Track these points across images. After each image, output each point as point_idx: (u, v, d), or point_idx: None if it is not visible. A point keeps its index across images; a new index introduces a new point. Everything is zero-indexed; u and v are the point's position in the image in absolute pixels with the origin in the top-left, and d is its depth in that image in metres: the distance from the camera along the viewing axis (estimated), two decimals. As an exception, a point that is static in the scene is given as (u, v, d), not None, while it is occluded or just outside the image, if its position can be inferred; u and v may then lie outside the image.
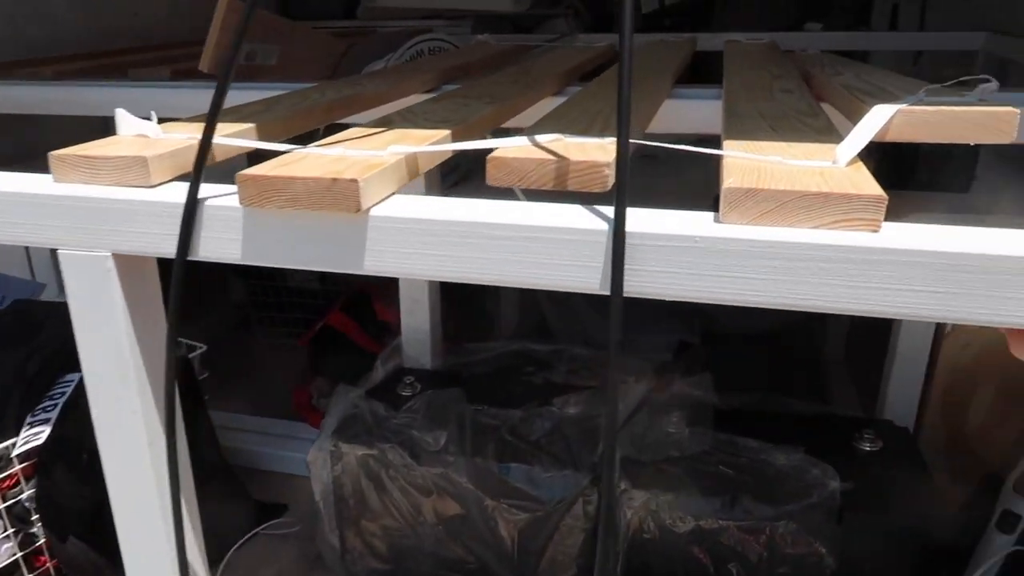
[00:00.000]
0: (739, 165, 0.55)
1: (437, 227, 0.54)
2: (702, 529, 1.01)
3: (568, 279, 0.53)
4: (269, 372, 1.80)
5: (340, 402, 1.20)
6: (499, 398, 1.19)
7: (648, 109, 0.85)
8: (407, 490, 1.12)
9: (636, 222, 0.51)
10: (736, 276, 0.50)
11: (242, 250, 0.59)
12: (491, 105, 0.83)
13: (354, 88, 0.96)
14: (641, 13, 2.95)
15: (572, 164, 0.57)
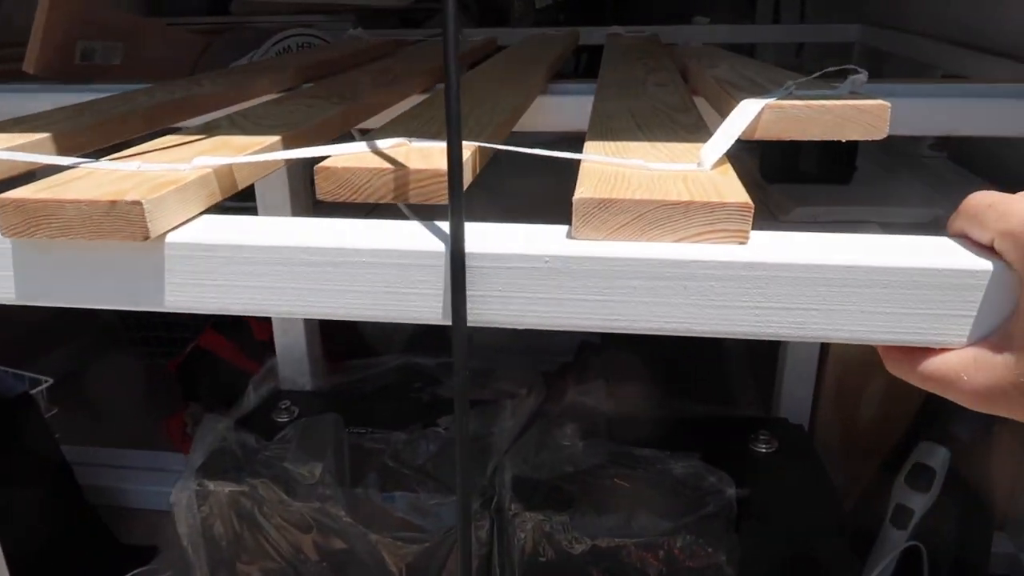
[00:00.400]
0: (597, 172, 0.49)
1: (248, 254, 0.46)
2: (599, 549, 0.96)
3: (405, 310, 0.46)
4: (142, 399, 1.65)
5: (207, 434, 1.09)
6: (384, 419, 1.11)
7: (515, 106, 0.78)
8: (284, 528, 1.02)
9: (478, 241, 0.44)
10: (594, 299, 0.44)
11: (14, 289, 0.48)
12: (339, 106, 0.75)
13: (190, 89, 0.85)
14: (534, 8, 2.91)
15: (412, 173, 0.50)
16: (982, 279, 0.40)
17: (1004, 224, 0.38)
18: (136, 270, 0.46)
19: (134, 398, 1.65)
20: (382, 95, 0.84)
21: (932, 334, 0.42)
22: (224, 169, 0.53)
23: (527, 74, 0.96)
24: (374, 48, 1.34)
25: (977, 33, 1.30)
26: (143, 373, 1.76)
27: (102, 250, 0.46)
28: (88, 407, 1.48)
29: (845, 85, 0.53)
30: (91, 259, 0.46)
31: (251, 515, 1.02)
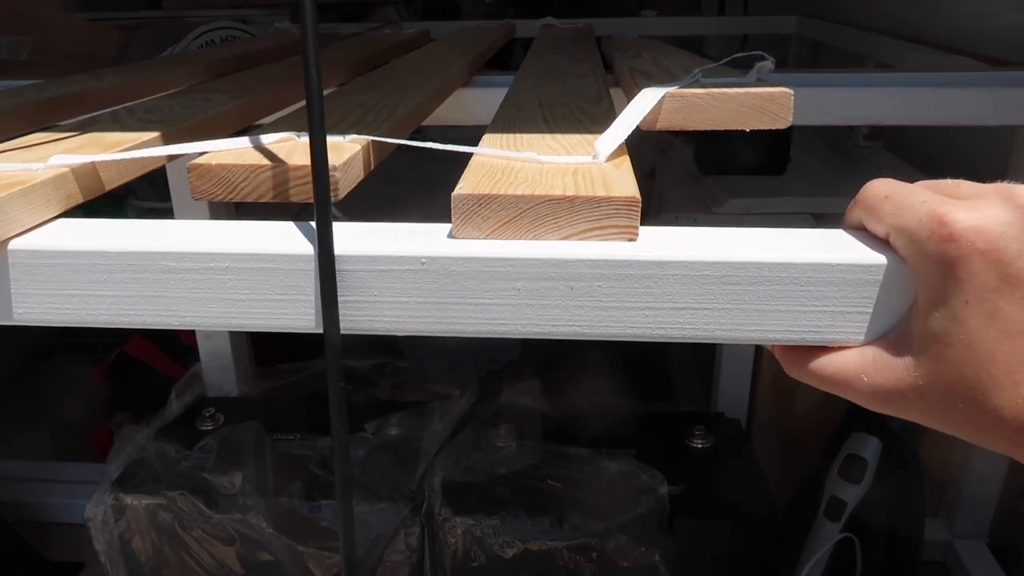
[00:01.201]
0: (486, 165, 0.46)
1: (101, 260, 0.42)
2: (530, 552, 0.94)
3: (276, 318, 0.42)
4: (71, 407, 1.59)
5: (125, 445, 1.04)
6: (312, 425, 1.07)
7: (429, 99, 0.75)
8: (206, 541, 0.98)
9: (349, 242, 0.41)
10: (477, 303, 0.41)
11: None
12: (238, 100, 0.71)
13: (86, 83, 0.81)
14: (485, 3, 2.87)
15: (292, 170, 0.46)
16: (877, 274, 0.38)
17: (898, 219, 0.36)
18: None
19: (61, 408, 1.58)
20: (287, 89, 0.80)
21: (828, 332, 0.40)
22: (87, 168, 0.49)
23: (448, 67, 0.93)
24: (297, 42, 1.29)
25: (909, 25, 1.30)
26: (72, 379, 1.69)
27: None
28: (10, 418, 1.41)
29: (752, 73, 0.51)
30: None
31: (171, 529, 0.98)
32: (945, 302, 0.33)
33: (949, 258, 0.32)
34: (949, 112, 0.88)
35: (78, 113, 0.77)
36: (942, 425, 0.36)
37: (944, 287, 0.33)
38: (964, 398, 0.34)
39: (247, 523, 0.94)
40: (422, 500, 0.96)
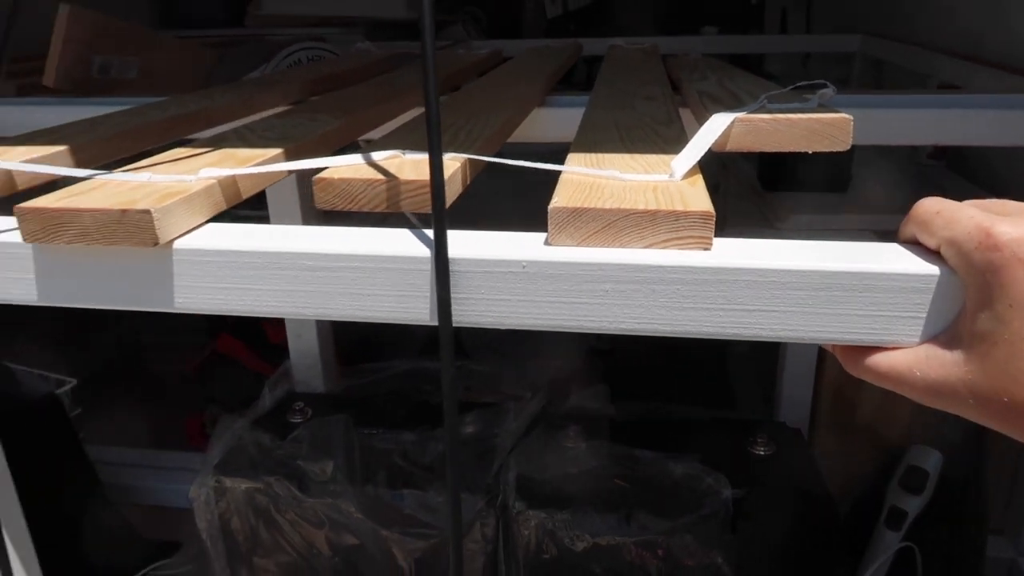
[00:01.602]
0: (575, 182, 0.52)
1: (249, 260, 0.50)
2: (600, 547, 0.98)
3: (395, 311, 0.49)
4: (161, 402, 1.71)
5: (223, 433, 1.14)
6: (394, 420, 1.14)
7: (509, 118, 0.82)
8: (298, 523, 1.06)
9: (460, 247, 0.47)
10: (570, 302, 0.47)
11: (37, 290, 0.53)
12: (341, 119, 0.78)
13: (201, 103, 0.90)
14: (546, 19, 2.94)
15: (403, 184, 0.53)
16: (930, 283, 0.42)
17: (948, 232, 0.41)
18: (146, 274, 0.50)
19: (155, 400, 1.70)
20: (383, 108, 0.88)
21: (885, 334, 0.44)
22: (228, 180, 0.56)
23: (524, 87, 0.99)
24: (380, 61, 1.38)
25: (974, 44, 1.31)
26: (164, 376, 1.82)
27: (115, 255, 0.50)
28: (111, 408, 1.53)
29: (814, 99, 0.56)
30: (105, 263, 0.50)
31: (266, 511, 1.06)
32: (991, 305, 0.38)
33: (994, 266, 0.37)
34: (1014, 134, 0.90)
35: (198, 129, 0.87)
36: (993, 420, 0.40)
37: (990, 292, 0.38)
38: (1009, 392, 0.38)
39: (336, 508, 1.02)
40: (497, 493, 1.02)
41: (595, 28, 2.72)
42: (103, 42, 1.24)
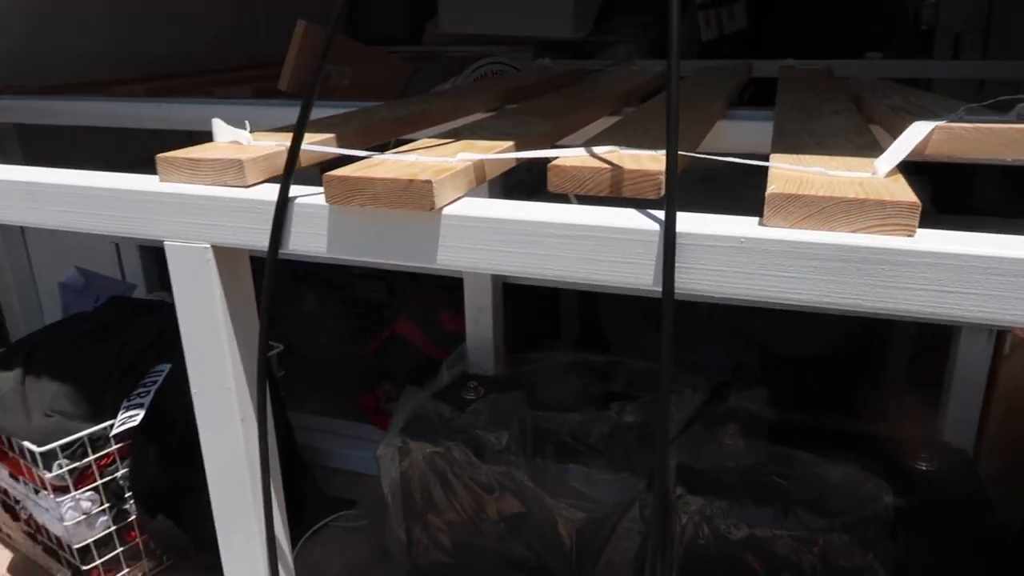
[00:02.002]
0: (784, 175, 0.59)
1: (505, 226, 0.60)
2: (756, 537, 1.03)
3: (623, 276, 0.58)
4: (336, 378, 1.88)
5: (408, 402, 1.26)
6: (558, 404, 1.23)
7: (700, 128, 0.89)
8: (471, 487, 1.17)
9: (685, 224, 0.56)
10: (779, 275, 0.54)
11: (327, 244, 0.65)
12: (550, 122, 0.88)
13: (421, 106, 1.03)
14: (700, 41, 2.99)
15: (626, 172, 0.62)
16: None
17: None
18: (419, 233, 0.62)
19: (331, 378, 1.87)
20: (580, 114, 0.98)
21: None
22: (479, 163, 0.67)
23: (708, 101, 1.06)
24: (561, 76, 1.48)
25: None
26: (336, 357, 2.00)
27: (398, 216, 0.62)
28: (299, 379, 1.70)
29: (1012, 113, 0.60)
30: (390, 223, 0.62)
31: (443, 473, 1.18)
32: None
33: None
34: None
35: (420, 128, 0.99)
36: None
37: None
38: None
39: (509, 475, 1.12)
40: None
41: (750, 52, 2.73)
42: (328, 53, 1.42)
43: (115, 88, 1.58)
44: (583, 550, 1.12)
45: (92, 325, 1.30)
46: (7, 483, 1.24)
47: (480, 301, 1.38)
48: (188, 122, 1.40)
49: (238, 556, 0.84)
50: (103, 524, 1.20)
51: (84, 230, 0.74)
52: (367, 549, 1.36)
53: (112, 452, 1.18)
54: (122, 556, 1.24)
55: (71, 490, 1.15)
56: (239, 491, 0.80)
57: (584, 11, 2.56)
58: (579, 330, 1.83)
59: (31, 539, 1.29)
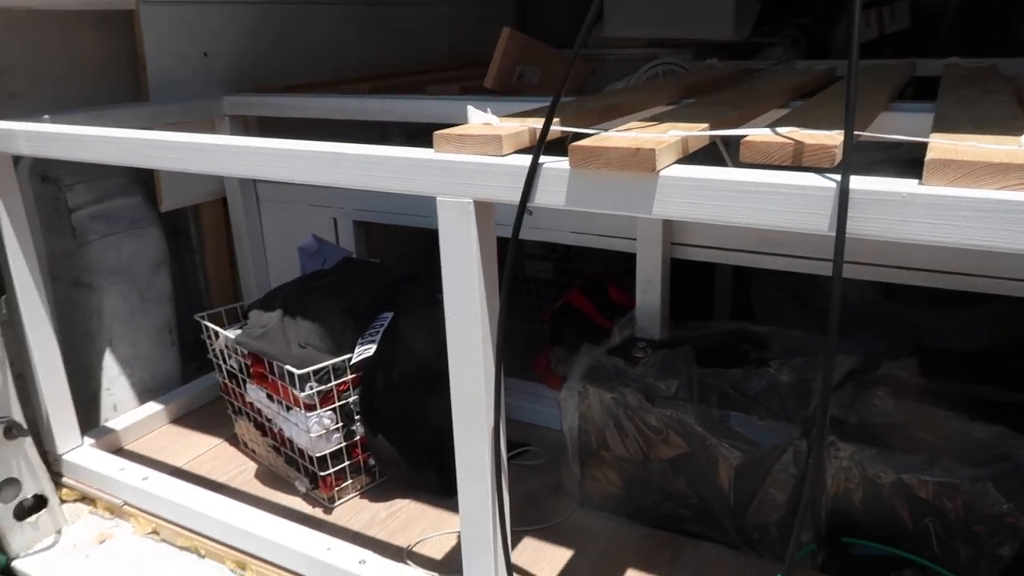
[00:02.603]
0: (941, 146, 0.74)
1: (710, 184, 0.78)
2: (903, 482, 1.15)
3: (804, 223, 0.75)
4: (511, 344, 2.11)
5: (585, 356, 1.46)
6: (720, 364, 1.39)
7: (866, 116, 1.03)
8: (641, 429, 1.35)
9: (856, 183, 0.72)
10: (934, 223, 0.69)
11: (566, 198, 0.86)
12: (735, 110, 1.05)
13: (616, 99, 1.22)
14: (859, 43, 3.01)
15: (807, 146, 0.79)
16: None
17: None
18: (643, 190, 0.81)
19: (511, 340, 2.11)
20: (756, 105, 1.14)
21: None
22: (684, 139, 0.86)
23: (871, 95, 1.19)
24: (729, 75, 1.64)
25: None
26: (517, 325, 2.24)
27: (625, 177, 0.81)
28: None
29: None
30: (618, 182, 0.82)
31: (617, 416, 1.37)
32: None
33: None
34: None
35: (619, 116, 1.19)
36: None
37: None
38: None
39: (676, 418, 1.29)
40: (811, 427, 1.23)
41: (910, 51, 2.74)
42: (524, 55, 1.65)
43: (343, 87, 1.88)
44: (740, 489, 1.28)
45: (330, 279, 1.59)
46: (263, 403, 1.55)
47: (651, 273, 1.56)
48: (405, 115, 1.67)
49: (470, 453, 1.05)
50: (336, 440, 1.48)
51: (376, 188, 0.99)
52: (541, 483, 1.57)
53: (347, 380, 1.45)
54: (347, 469, 1.51)
55: (317, 408, 1.43)
56: (476, 400, 1.02)
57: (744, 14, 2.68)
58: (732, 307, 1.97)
59: (274, 452, 1.59)
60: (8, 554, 1.48)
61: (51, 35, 1.68)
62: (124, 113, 1.62)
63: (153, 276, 1.90)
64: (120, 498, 1.57)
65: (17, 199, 1.44)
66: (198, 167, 1.12)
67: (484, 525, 1.10)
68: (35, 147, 1.30)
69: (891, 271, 1.35)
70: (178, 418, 1.89)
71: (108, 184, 1.80)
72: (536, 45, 1.75)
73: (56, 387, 1.58)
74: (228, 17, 1.91)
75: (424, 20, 2.58)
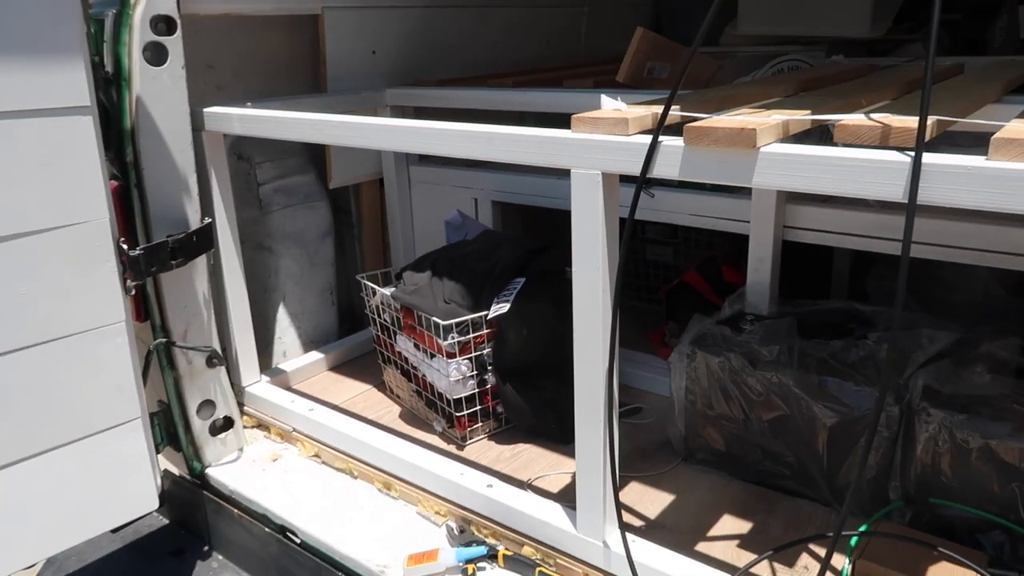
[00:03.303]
0: (1011, 127, 0.85)
1: (802, 159, 0.93)
2: (990, 448, 1.23)
3: (879, 190, 0.88)
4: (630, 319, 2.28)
5: (695, 325, 1.61)
6: (823, 335, 1.50)
7: (968, 105, 1.13)
8: (744, 390, 1.49)
9: (928, 158, 0.85)
10: (996, 192, 0.81)
11: (680, 170, 1.03)
12: (841, 100, 1.18)
13: (733, 91, 1.37)
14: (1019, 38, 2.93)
15: (893, 128, 0.92)
16: None
17: None
18: (746, 164, 0.96)
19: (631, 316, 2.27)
20: (865, 96, 1.25)
21: None
22: (785, 122, 1.01)
23: (986, 88, 1.28)
24: (852, 70, 1.73)
25: None
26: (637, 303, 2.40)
27: (731, 152, 0.97)
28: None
29: None
30: (724, 156, 0.98)
31: (721, 378, 1.51)
32: None
33: None
34: None
35: (737, 104, 1.33)
36: None
37: None
38: None
39: (777, 381, 1.42)
40: (904, 394, 1.33)
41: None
42: (654, 53, 1.81)
43: (490, 81, 2.11)
44: (834, 448, 1.40)
45: (472, 248, 1.81)
46: (410, 352, 1.80)
47: (762, 252, 1.68)
48: (544, 105, 1.87)
49: (588, 404, 1.24)
50: (471, 386, 1.70)
51: (520, 162, 1.19)
52: (650, 440, 1.73)
53: (483, 334, 1.67)
54: (479, 413, 1.73)
55: (456, 356, 1.66)
56: (594, 349, 1.20)
57: (883, 9, 2.69)
58: (848, 295, 2.05)
59: (417, 396, 1.84)
60: (203, 462, 1.80)
61: (250, 36, 1.99)
62: (307, 102, 1.90)
63: (320, 243, 2.20)
64: (290, 425, 1.86)
65: (225, 171, 1.75)
66: (379, 144, 1.37)
67: (596, 465, 1.28)
68: (246, 127, 1.60)
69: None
70: (335, 367, 2.19)
71: (289, 163, 2.11)
72: (666, 43, 1.91)
73: (243, 330, 1.90)
74: (393, 20, 2.18)
75: (564, 20, 2.79)
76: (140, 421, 1.50)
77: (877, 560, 1.21)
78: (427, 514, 1.57)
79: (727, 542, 1.39)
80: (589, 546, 1.33)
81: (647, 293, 2.39)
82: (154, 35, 1.53)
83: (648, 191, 1.05)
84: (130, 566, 1.81)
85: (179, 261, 1.59)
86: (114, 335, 1.43)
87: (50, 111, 1.27)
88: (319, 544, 1.54)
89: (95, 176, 1.35)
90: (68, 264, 1.35)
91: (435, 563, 1.40)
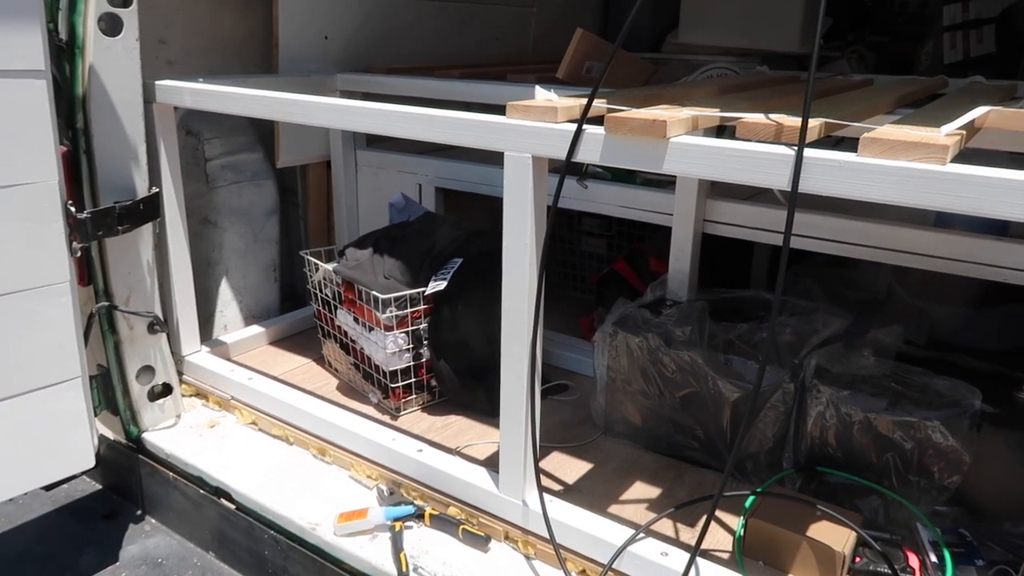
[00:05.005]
0: (880, 131, 0.99)
1: (704, 150, 1.05)
2: (869, 421, 1.38)
3: (766, 179, 1.01)
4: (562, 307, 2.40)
5: (618, 308, 1.73)
6: (730, 321, 1.64)
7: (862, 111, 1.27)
8: (659, 368, 1.61)
9: (809, 152, 0.97)
10: (863, 184, 0.94)
11: (601, 156, 1.14)
12: (749, 103, 1.31)
13: (659, 91, 1.49)
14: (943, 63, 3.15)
15: (785, 127, 1.04)
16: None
17: None
18: (657, 152, 1.08)
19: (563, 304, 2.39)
20: (773, 101, 1.39)
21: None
22: (694, 117, 1.13)
23: (879, 99, 1.43)
24: (773, 80, 1.88)
25: None
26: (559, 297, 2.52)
27: (645, 142, 1.08)
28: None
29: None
30: (640, 145, 1.09)
31: (639, 357, 1.63)
32: None
33: None
34: None
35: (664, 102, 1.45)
36: None
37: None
38: None
39: (688, 358, 1.55)
40: (799, 372, 1.47)
41: (998, 75, 2.87)
42: (593, 53, 1.93)
43: (438, 72, 2.20)
44: (736, 421, 1.53)
45: (414, 228, 1.90)
46: (349, 325, 1.87)
47: (683, 243, 1.81)
48: (487, 97, 1.97)
49: (513, 377, 1.34)
50: (406, 359, 1.79)
51: (458, 143, 1.28)
52: (573, 415, 1.85)
53: (420, 310, 1.76)
54: (413, 386, 1.82)
55: (394, 329, 1.74)
56: (520, 320, 1.30)
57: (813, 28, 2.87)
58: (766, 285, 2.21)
59: (354, 368, 1.92)
60: (140, 427, 1.84)
61: (202, 13, 2.04)
62: (257, 82, 1.96)
63: (266, 221, 2.26)
64: (228, 393, 1.92)
65: (174, 144, 1.80)
66: (325, 122, 1.45)
67: (519, 429, 1.38)
68: (197, 101, 1.66)
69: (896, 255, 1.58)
70: (275, 341, 2.25)
71: (237, 141, 2.16)
72: (604, 44, 2.02)
73: (186, 300, 1.95)
74: (346, 6, 2.25)
75: (513, 19, 2.89)
76: (80, 380, 1.55)
77: (766, 518, 1.34)
78: (359, 478, 1.65)
79: (636, 505, 1.51)
80: (509, 505, 1.44)
81: (581, 283, 2.51)
82: (110, 6, 1.57)
83: (582, 183, 1.16)
84: (61, 527, 1.84)
85: (125, 227, 1.63)
86: (58, 294, 1.47)
87: (5, 72, 1.32)
88: (253, 504, 1.61)
89: (46, 139, 1.40)
90: (16, 223, 1.39)
91: (364, 520, 1.49)
